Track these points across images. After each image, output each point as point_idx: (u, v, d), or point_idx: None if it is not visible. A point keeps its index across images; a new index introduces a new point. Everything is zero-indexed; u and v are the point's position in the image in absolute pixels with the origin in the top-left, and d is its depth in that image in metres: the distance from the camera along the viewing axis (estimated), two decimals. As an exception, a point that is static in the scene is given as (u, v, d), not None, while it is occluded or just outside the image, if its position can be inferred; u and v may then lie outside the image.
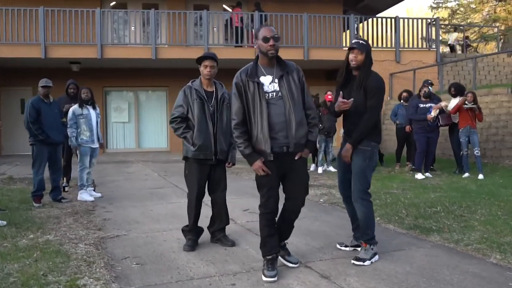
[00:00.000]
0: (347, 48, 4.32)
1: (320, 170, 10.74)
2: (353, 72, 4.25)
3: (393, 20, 16.52)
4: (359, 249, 4.31)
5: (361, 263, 4.06)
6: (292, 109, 3.72)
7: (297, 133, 3.74)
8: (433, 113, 9.49)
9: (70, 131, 7.35)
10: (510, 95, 11.30)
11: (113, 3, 17.10)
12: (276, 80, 3.77)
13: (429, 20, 17.48)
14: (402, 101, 11.20)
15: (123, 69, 16.63)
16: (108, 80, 16.95)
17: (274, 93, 3.76)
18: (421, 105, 9.60)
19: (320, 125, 10.58)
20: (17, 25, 14.19)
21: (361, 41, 4.17)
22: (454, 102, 9.86)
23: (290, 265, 4.00)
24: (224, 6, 17.82)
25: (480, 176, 8.95)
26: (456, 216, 5.75)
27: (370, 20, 17.32)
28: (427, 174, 9.44)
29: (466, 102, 9.32)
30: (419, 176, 9.23)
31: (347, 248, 4.50)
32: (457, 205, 6.38)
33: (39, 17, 14.13)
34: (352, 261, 4.08)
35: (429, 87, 9.95)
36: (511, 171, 9.80)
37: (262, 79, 3.78)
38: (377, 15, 19.54)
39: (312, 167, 11.04)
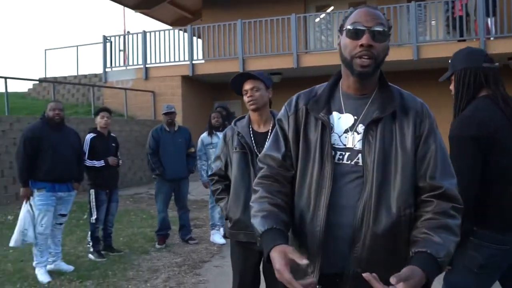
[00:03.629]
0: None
1: None
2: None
3: None
4: None
5: None
6: (375, 199, 1.60)
7: (371, 250, 1.61)
8: None
9: (199, 164, 6.40)
10: None
11: (321, 16, 15.94)
12: (361, 128, 1.68)
13: None
14: None
15: (324, 76, 15.33)
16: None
17: (347, 155, 1.68)
18: None
19: None
20: (217, 41, 14.30)
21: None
22: None
23: None
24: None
25: None
26: None
27: None
28: None
29: None
30: None
31: None
32: None
33: (237, 31, 13.93)
34: None
35: None
36: None
37: (335, 117, 1.73)
38: None
39: None
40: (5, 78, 10.82)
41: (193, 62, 14.33)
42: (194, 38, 14.81)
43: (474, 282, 2.26)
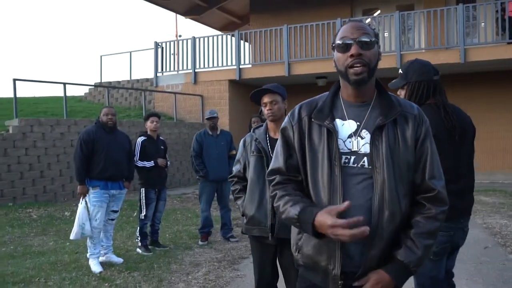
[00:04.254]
0: None
1: None
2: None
3: None
4: None
5: None
6: (387, 199, 1.77)
7: (384, 248, 1.80)
8: None
9: (238, 167, 6.74)
10: None
11: (368, 20, 16.00)
12: (366, 133, 1.84)
13: None
14: None
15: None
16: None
17: (353, 158, 1.82)
18: None
19: None
20: (264, 45, 14.64)
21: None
22: None
23: None
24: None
25: None
26: None
27: None
28: None
29: None
30: None
31: None
32: None
33: (283, 36, 14.21)
34: None
35: None
36: None
37: (339, 124, 1.87)
38: None
39: None
40: (64, 83, 11.59)
41: (240, 66, 14.73)
42: (242, 43, 15.20)
43: (430, 268, 2.52)
